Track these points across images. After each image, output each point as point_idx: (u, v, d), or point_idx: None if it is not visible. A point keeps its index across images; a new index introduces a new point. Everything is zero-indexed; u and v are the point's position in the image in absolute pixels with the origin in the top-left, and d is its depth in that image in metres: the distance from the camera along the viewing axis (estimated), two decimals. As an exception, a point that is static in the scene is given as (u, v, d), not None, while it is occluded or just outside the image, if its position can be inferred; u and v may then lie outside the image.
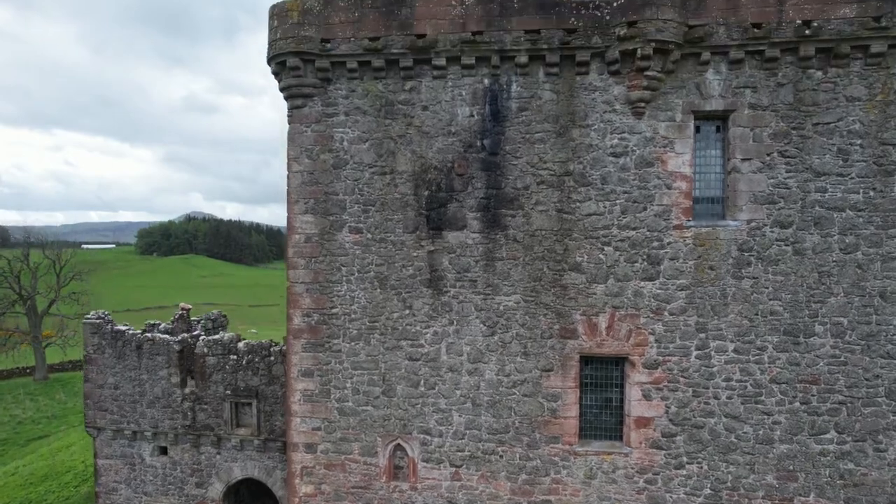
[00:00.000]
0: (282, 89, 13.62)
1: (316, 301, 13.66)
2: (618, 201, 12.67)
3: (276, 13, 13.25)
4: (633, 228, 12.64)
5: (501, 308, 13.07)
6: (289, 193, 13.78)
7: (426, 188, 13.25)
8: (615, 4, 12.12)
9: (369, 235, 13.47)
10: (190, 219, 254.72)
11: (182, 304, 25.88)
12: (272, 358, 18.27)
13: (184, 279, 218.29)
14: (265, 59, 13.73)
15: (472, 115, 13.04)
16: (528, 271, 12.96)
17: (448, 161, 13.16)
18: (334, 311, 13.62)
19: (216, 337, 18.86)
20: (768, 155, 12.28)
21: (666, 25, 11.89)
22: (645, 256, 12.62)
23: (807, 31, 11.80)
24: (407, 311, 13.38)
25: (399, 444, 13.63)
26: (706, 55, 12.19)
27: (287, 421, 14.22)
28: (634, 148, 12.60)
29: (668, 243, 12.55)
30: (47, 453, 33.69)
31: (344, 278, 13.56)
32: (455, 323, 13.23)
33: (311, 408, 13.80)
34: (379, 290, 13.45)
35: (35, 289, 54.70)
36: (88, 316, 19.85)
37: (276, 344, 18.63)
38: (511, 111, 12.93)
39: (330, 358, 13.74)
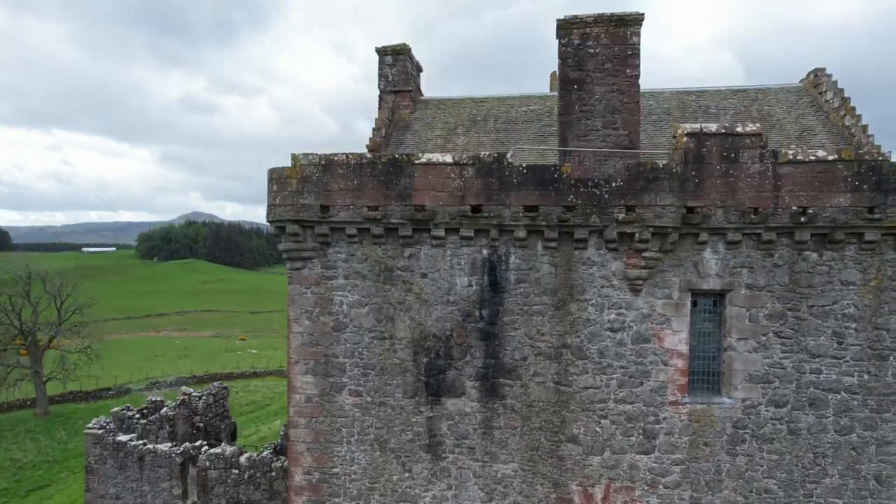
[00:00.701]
0: (282, 251, 13.72)
1: (317, 460, 13.82)
2: (614, 375, 12.80)
3: (275, 178, 13.34)
4: (630, 403, 12.78)
5: (499, 475, 13.23)
6: (290, 353, 13.91)
7: (425, 355, 13.38)
8: (613, 185, 12.21)
9: (369, 399, 13.61)
10: (190, 223, 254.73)
11: (184, 389, 26.04)
12: (273, 473, 18.48)
13: (184, 284, 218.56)
14: (266, 220, 13.82)
15: (471, 285, 13.15)
16: (526, 441, 13.11)
17: (447, 329, 13.28)
18: (335, 470, 13.78)
19: (218, 451, 19.05)
20: (764, 335, 12.40)
21: (664, 211, 11.99)
22: (641, 430, 12.76)
23: (802, 218, 11.89)
24: (406, 475, 13.53)
25: None
26: (704, 236, 12.29)
27: (288, 574, 14.41)
28: (632, 324, 12.72)
29: (664, 418, 12.69)
30: (49, 514, 33.85)
31: (344, 439, 13.71)
32: (453, 488, 13.38)
33: (311, 564, 13.98)
34: (378, 452, 13.61)
35: (36, 324, 54.94)
36: (90, 426, 20.03)
37: (278, 459, 18.83)
38: (509, 282, 13.03)
39: (330, 515, 13.90)
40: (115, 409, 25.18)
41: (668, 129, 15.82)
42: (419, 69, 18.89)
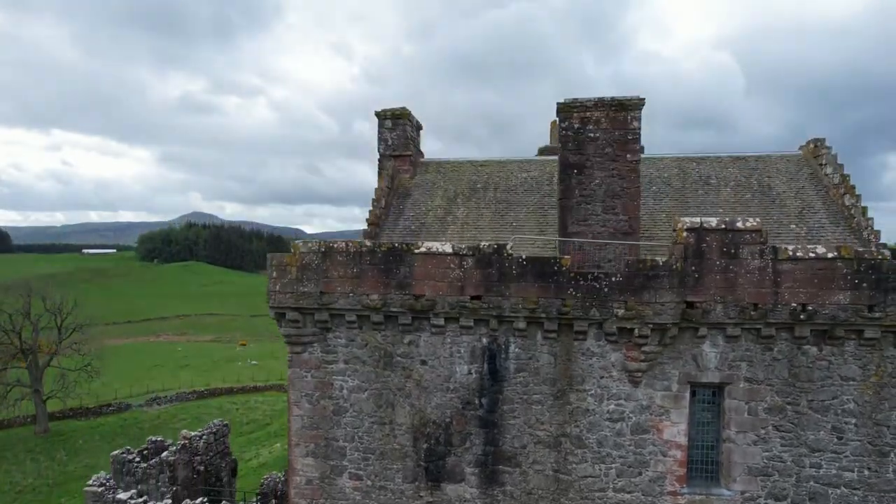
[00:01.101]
0: (282, 335, 13.72)
1: (317, 542, 13.85)
2: (613, 465, 12.81)
3: (275, 265, 13.33)
4: (628, 492, 12.79)
5: (499, 562, 13.25)
6: (290, 435, 13.92)
7: (425, 441, 13.40)
8: (613, 280, 12.19)
9: (369, 482, 13.63)
10: (191, 224, 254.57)
11: (184, 433, 26.03)
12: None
13: (184, 287, 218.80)
14: (268, 305, 13.80)
15: (471, 373, 13.15)
16: (526, 528, 13.13)
17: (447, 416, 13.29)
18: (335, 553, 13.81)
19: (218, 512, 19.04)
20: (763, 428, 12.41)
21: (664, 307, 11.98)
22: (641, 520, 12.77)
23: (802, 315, 11.88)
24: (406, 560, 13.56)
25: None
26: (703, 330, 12.29)
27: None
28: (631, 414, 12.73)
29: (664, 509, 12.70)
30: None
31: (344, 522, 13.74)
32: (453, 574, 13.41)
33: None
34: (379, 536, 13.63)
35: (37, 343, 55.04)
36: (90, 483, 20.03)
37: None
38: (509, 371, 13.04)
39: None
40: (115, 452, 25.12)
41: (668, 202, 15.79)
42: (419, 128, 18.84)
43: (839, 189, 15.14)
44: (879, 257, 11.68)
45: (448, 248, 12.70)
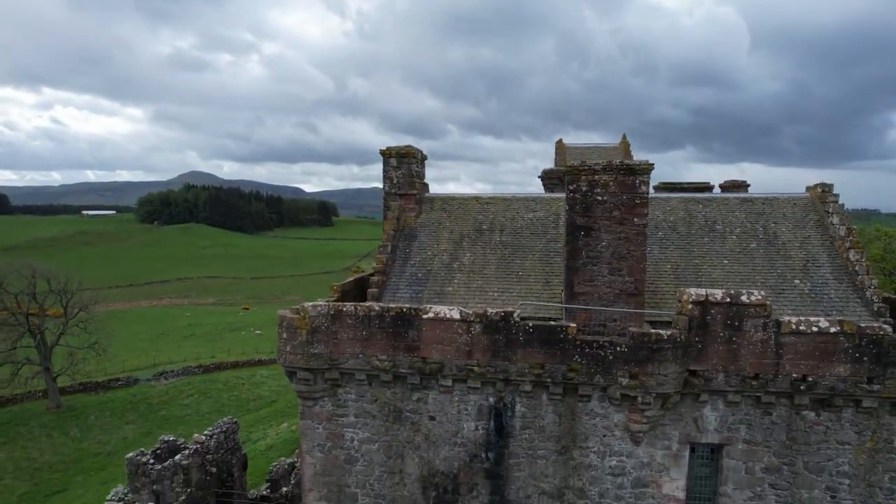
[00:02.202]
0: (294, 390, 14.09)
1: (331, 581, 14.61)
2: (615, 517, 13.40)
3: (285, 326, 13.56)
4: (629, 542, 13.44)
5: None
6: (303, 481, 14.48)
7: (433, 489, 13.96)
8: (618, 350, 12.45)
9: (380, 528, 14.28)
10: (190, 186, 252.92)
11: (196, 437, 26.83)
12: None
13: (186, 250, 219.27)
14: (279, 363, 14.07)
15: (478, 429, 13.59)
16: (530, 573, 13.84)
17: (454, 468, 13.81)
18: (348, 590, 14.60)
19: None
20: (759, 487, 12.92)
21: (667, 378, 12.29)
22: (639, 568, 13.47)
23: (802, 386, 12.20)
24: None
25: None
26: (705, 396, 12.64)
27: None
28: (631, 470, 13.23)
29: (661, 558, 13.37)
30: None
31: (356, 564, 14.46)
32: None
33: None
34: (389, 577, 14.38)
35: (43, 323, 55.88)
36: (110, 497, 20.88)
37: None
38: (515, 429, 13.47)
39: None
40: (130, 454, 25.90)
41: (674, 251, 15.88)
42: (424, 158, 18.70)
43: (844, 243, 15.20)
44: (881, 332, 11.90)
45: (456, 315, 12.90)
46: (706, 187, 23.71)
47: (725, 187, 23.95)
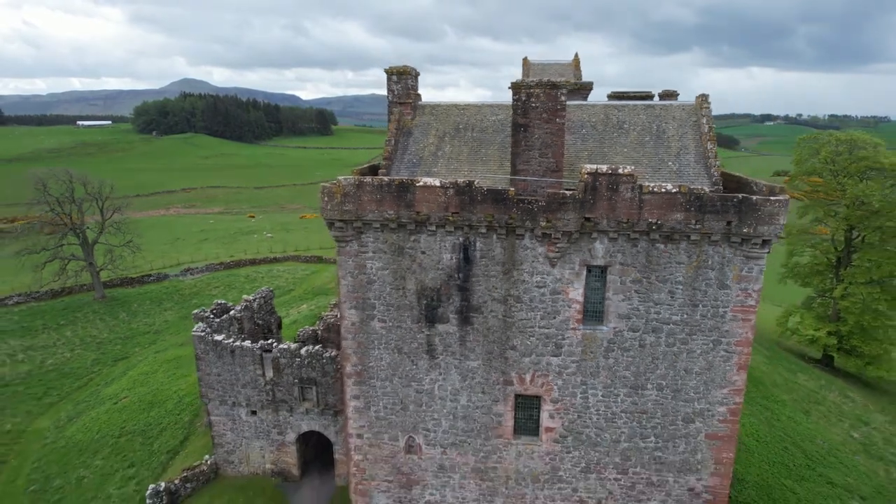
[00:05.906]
0: (332, 236, 21.43)
1: (360, 359, 22.78)
2: (539, 312, 21.23)
3: (326, 192, 20.65)
4: (547, 328, 21.36)
5: (470, 367, 22.24)
6: (340, 296, 22.22)
7: (424, 299, 21.71)
8: (540, 203, 19.66)
9: (390, 324, 22.19)
10: (186, 95, 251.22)
11: (244, 297, 34.83)
12: (324, 360, 27.81)
13: (186, 160, 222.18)
14: (322, 217, 21.30)
15: (452, 259, 21.09)
16: (485, 348, 21.92)
17: (438, 284, 21.47)
18: (370, 364, 22.79)
19: (284, 347, 28.17)
20: (629, 292, 20.63)
21: (570, 221, 19.60)
22: (553, 344, 21.50)
23: (654, 227, 19.53)
24: (414, 367, 22.57)
25: (411, 436, 23.62)
26: (595, 234, 20.01)
27: (345, 422, 24.07)
28: (550, 283, 20.89)
29: (567, 337, 21.36)
30: (140, 379, 44.28)
31: (375, 347, 22.53)
32: (442, 375, 22.48)
33: (359, 415, 23.58)
34: (397, 354, 22.51)
35: (83, 222, 63.08)
36: (195, 330, 28.93)
37: (326, 350, 28.03)
38: (476, 258, 20.97)
39: (369, 389, 23.20)
40: (196, 311, 33.91)
41: (591, 143, 22.75)
42: (417, 75, 25.02)
43: (706, 136, 22.05)
44: (702, 193, 19.05)
45: (437, 183, 19.98)
46: (648, 96, 29.99)
47: (663, 96, 30.25)
